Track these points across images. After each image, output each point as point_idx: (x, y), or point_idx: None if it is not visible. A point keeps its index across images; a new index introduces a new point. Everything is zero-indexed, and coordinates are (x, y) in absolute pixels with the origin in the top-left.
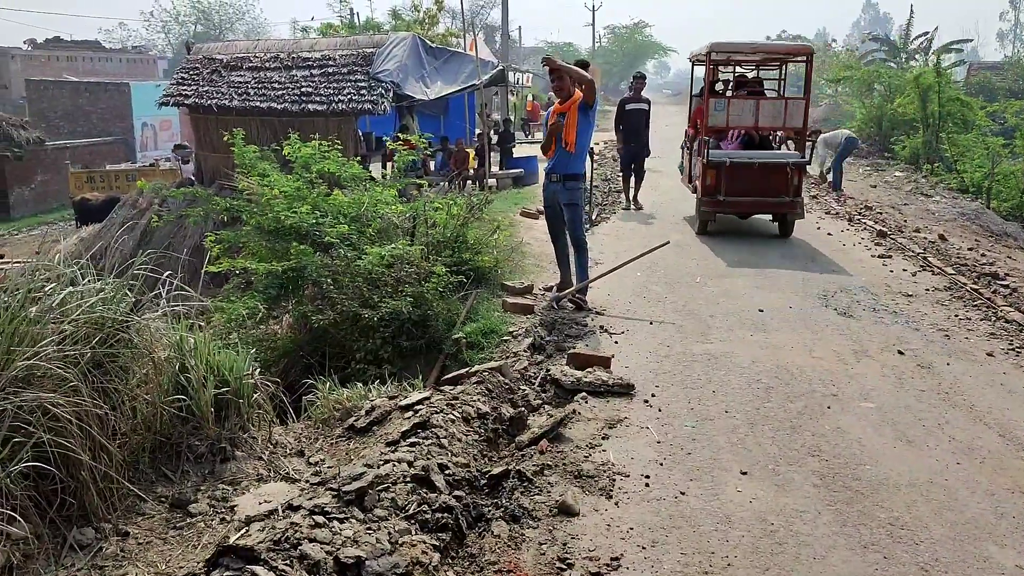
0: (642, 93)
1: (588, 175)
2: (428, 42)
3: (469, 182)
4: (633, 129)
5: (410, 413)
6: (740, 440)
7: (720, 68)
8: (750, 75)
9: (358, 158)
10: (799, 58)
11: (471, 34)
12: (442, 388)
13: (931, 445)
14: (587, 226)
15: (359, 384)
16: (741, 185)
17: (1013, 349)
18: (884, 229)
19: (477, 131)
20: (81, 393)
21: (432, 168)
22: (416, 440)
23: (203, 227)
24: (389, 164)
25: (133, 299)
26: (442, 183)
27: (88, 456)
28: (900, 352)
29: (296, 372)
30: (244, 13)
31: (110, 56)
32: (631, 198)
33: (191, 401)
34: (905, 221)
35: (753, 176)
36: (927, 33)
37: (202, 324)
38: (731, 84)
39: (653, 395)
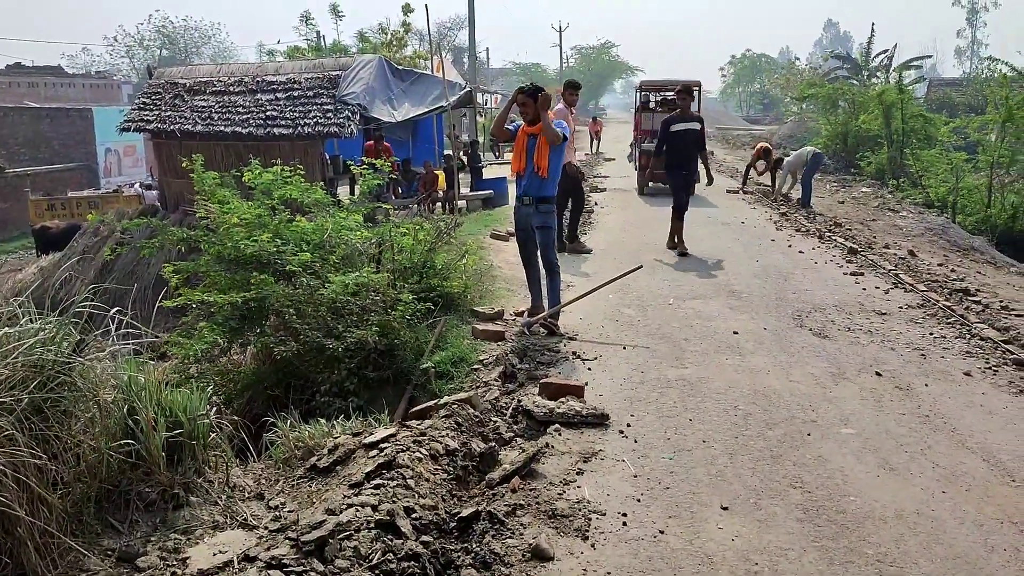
0: (691, 109)
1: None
2: (395, 64)
3: (439, 205)
4: (680, 155)
5: (375, 452)
6: (720, 472)
7: (651, 94)
8: (670, 96)
9: (321, 183)
10: (695, 88)
11: (438, 56)
12: (409, 424)
13: (915, 472)
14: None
15: (322, 420)
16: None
17: (990, 368)
18: (855, 246)
19: (446, 152)
20: (17, 443)
21: (399, 192)
22: (381, 482)
23: (162, 257)
24: (357, 187)
25: (78, 338)
26: (410, 206)
27: (25, 511)
28: (878, 374)
29: (260, 405)
30: (210, 37)
31: (73, 81)
32: (676, 240)
33: (140, 445)
34: (874, 237)
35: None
36: (887, 51)
37: (157, 361)
38: (659, 102)
39: (628, 425)
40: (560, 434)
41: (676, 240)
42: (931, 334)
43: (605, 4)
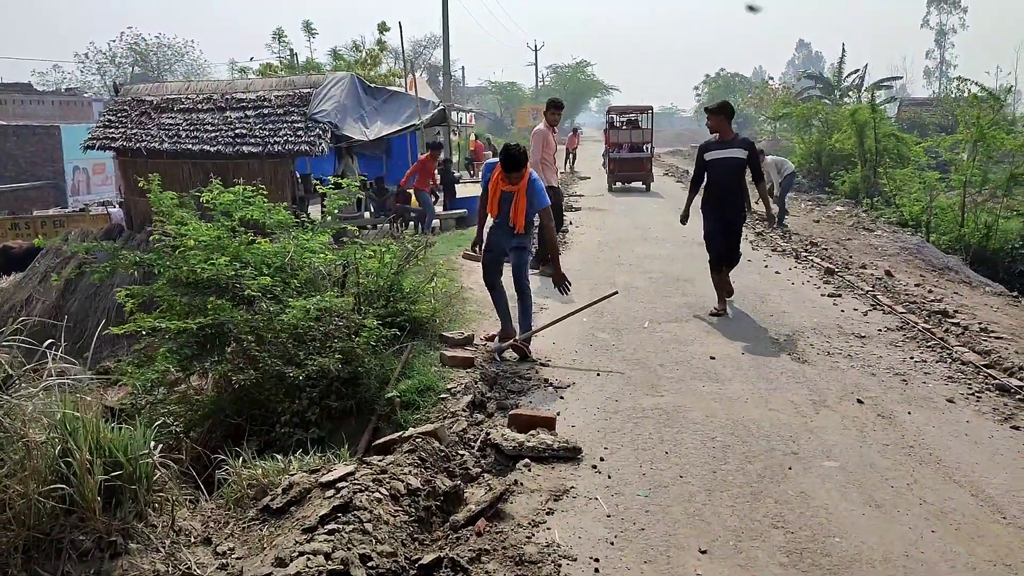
0: (731, 131)
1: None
2: (367, 82)
3: (411, 224)
4: (719, 190)
5: (332, 492)
6: (697, 511)
7: (616, 116)
8: (633, 118)
9: (291, 202)
10: (649, 110)
11: (411, 73)
12: (369, 460)
13: (902, 510)
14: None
15: (279, 456)
16: (623, 168)
17: (973, 394)
18: (831, 266)
19: None
20: None
21: (371, 211)
22: (336, 527)
23: (122, 280)
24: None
25: (5, 372)
26: (381, 226)
27: None
28: (859, 401)
29: (219, 436)
30: (183, 55)
31: (42, 99)
32: (722, 297)
33: (74, 490)
34: (851, 257)
35: (629, 164)
36: (859, 71)
37: (107, 390)
38: (624, 122)
39: (602, 459)
40: (530, 470)
41: (719, 302)
42: (911, 358)
43: (580, 24)
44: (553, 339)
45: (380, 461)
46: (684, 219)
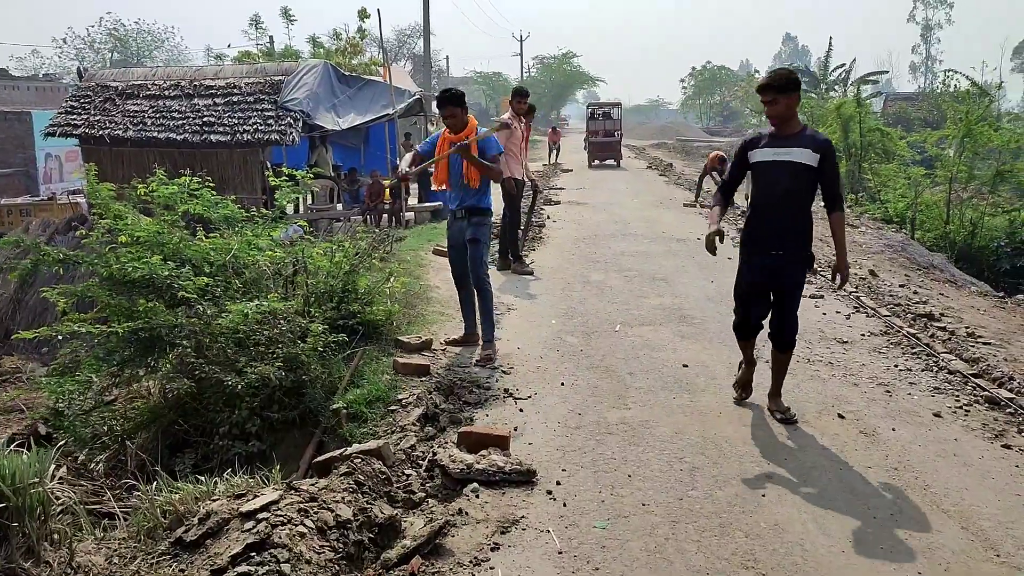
0: (801, 126)
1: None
2: (341, 70)
3: (384, 216)
4: (770, 212)
5: (251, 523)
6: (659, 547)
7: (595, 109)
8: (607, 110)
9: (261, 193)
10: (618, 105)
11: (395, 62)
12: (298, 486)
13: (886, 547)
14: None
15: (202, 478)
16: (599, 149)
17: (960, 407)
18: (814, 265)
19: (398, 161)
20: None
21: (344, 201)
22: (249, 569)
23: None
24: (302, 197)
25: None
26: (353, 218)
27: None
28: (840, 416)
29: (164, 444)
30: (163, 41)
31: (17, 84)
32: (747, 375)
33: None
34: (834, 255)
35: (603, 146)
36: (845, 65)
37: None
38: (600, 114)
39: (558, 483)
40: (478, 496)
41: (741, 384)
42: (896, 366)
43: (566, 15)
44: (519, 343)
45: (313, 485)
46: (711, 246)
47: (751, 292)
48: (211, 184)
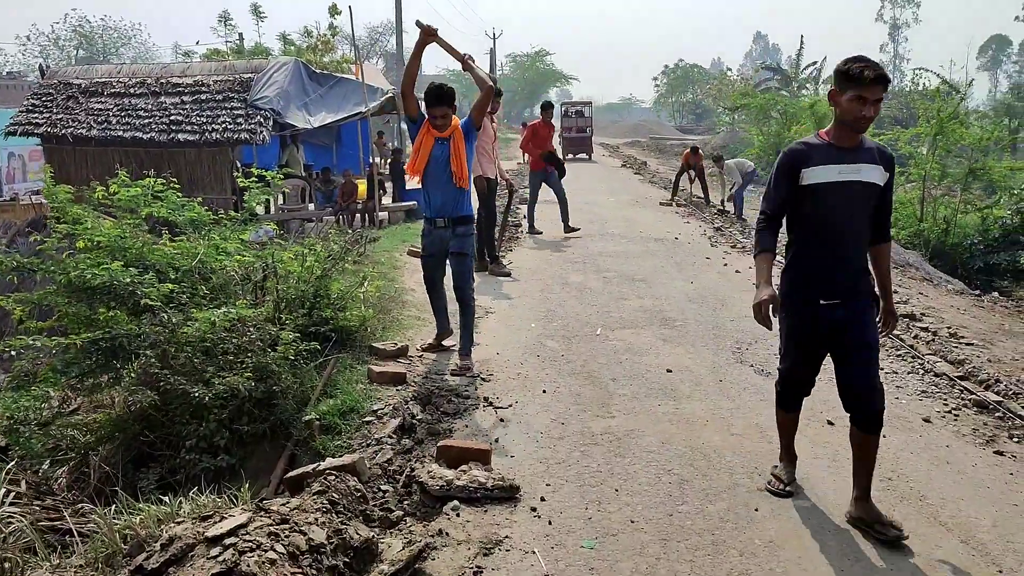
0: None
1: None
2: (312, 67)
3: (358, 216)
4: (833, 246)
5: (218, 548)
6: (651, 568)
7: (569, 107)
8: (579, 109)
9: (231, 194)
10: (589, 104)
11: (368, 60)
12: (268, 506)
13: (888, 563)
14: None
15: (167, 499)
16: (573, 144)
17: (950, 411)
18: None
19: (374, 160)
20: None
21: (316, 201)
22: None
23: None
24: (272, 199)
25: None
26: (326, 219)
27: None
28: (830, 422)
29: (130, 456)
30: (130, 38)
31: None
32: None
33: None
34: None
35: (576, 141)
36: (816, 63)
37: None
38: (574, 112)
39: (543, 499)
40: (458, 515)
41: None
42: (882, 369)
43: (538, 13)
44: (498, 348)
45: (284, 505)
46: (766, 319)
47: (801, 349)
48: (176, 185)
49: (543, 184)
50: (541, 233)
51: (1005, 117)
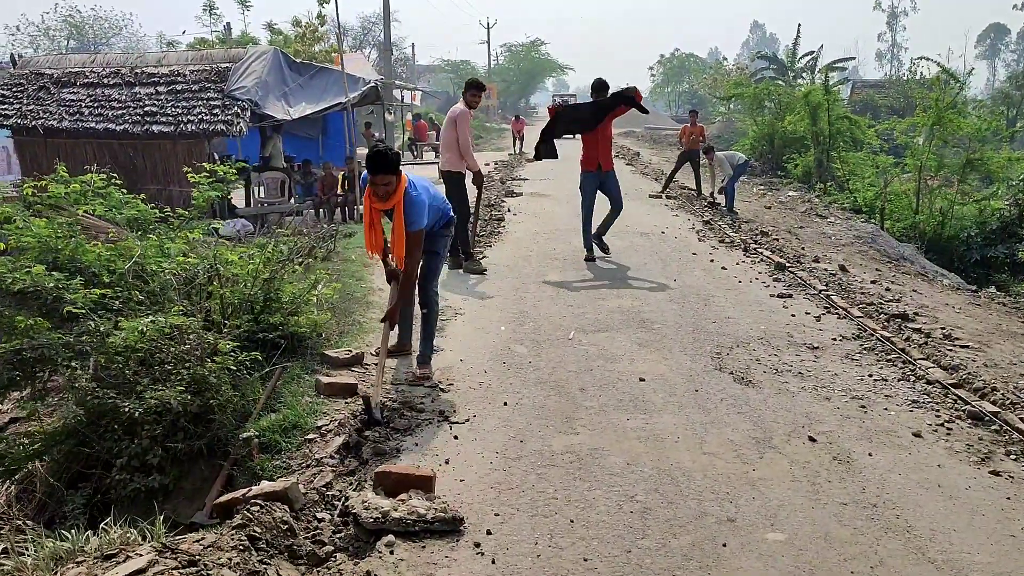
0: None
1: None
2: (292, 57)
3: (337, 210)
4: None
5: None
6: None
7: (565, 100)
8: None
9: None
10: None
11: (360, 50)
12: (175, 545)
13: None
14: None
15: (68, 533)
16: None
17: (942, 424)
18: (783, 261)
19: (359, 150)
20: None
21: (296, 194)
22: None
23: None
24: (253, 191)
25: None
26: (306, 212)
27: None
28: (812, 439)
29: (53, 480)
30: (121, 28)
31: None
32: None
33: None
34: (803, 249)
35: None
36: (813, 52)
37: None
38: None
39: (489, 532)
40: (392, 552)
41: None
42: (870, 375)
43: (535, 2)
44: (462, 355)
45: (198, 542)
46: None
47: None
48: (119, 182)
49: (597, 191)
50: (607, 253)
51: (1003, 106)
